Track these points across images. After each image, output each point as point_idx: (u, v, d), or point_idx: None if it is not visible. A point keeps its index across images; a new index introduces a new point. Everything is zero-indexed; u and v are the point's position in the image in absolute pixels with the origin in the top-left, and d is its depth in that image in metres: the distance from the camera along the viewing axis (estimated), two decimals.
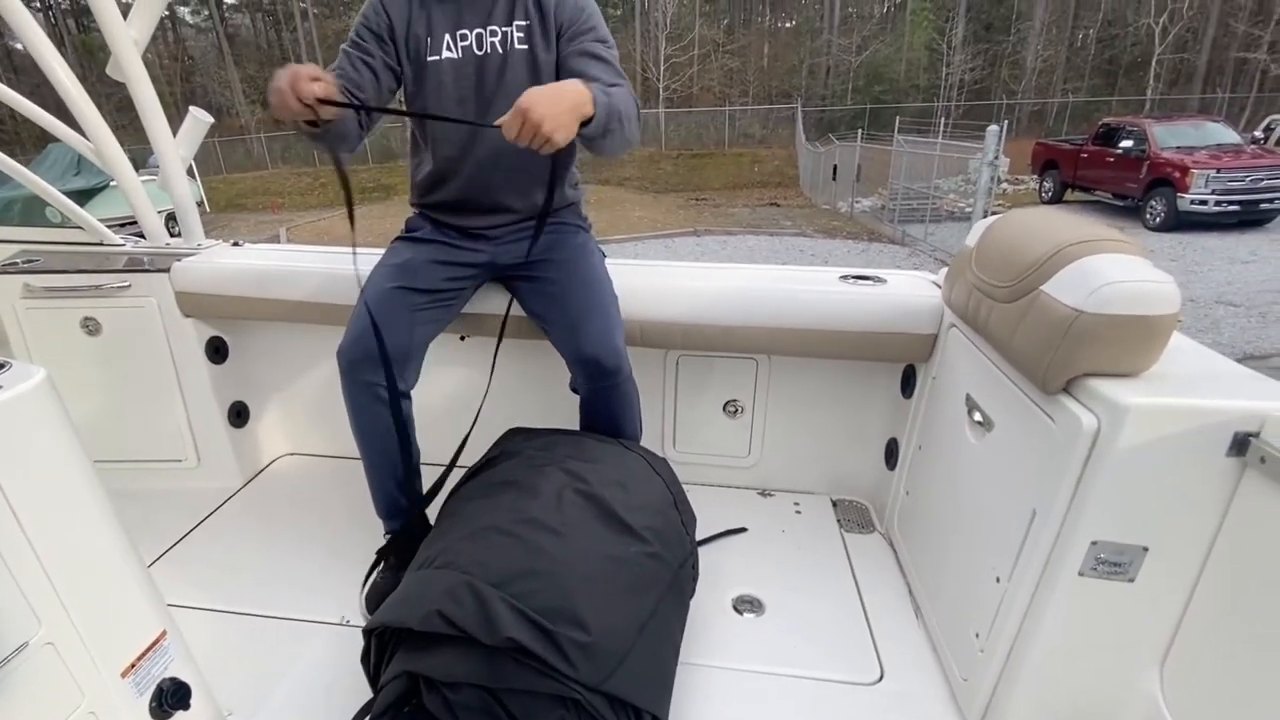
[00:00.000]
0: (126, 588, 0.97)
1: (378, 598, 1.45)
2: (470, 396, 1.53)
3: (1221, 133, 10.72)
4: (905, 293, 1.60)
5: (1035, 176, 13.54)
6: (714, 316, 1.61)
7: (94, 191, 8.96)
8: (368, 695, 1.05)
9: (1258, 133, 13.32)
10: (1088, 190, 11.86)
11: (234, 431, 1.97)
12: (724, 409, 1.89)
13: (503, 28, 1.37)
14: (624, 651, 1.03)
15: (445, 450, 1.49)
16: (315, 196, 19.17)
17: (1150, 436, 0.93)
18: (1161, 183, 9.88)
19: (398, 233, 1.58)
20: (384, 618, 1.02)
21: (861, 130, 14.10)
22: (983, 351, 1.28)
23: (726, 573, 1.59)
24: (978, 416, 1.28)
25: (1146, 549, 0.98)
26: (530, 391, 1.86)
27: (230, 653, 1.37)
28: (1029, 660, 1.09)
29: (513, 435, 1.47)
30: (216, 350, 1.91)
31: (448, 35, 1.38)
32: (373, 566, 1.51)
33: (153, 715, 0.99)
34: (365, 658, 1.09)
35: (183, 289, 1.78)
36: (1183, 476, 0.94)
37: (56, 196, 1.81)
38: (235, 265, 1.78)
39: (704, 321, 1.62)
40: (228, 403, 1.95)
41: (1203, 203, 9.36)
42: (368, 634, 1.07)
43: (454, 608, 0.98)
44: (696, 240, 11.20)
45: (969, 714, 1.21)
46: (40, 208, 1.95)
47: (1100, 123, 11.90)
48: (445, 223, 1.53)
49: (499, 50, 1.38)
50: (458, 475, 1.41)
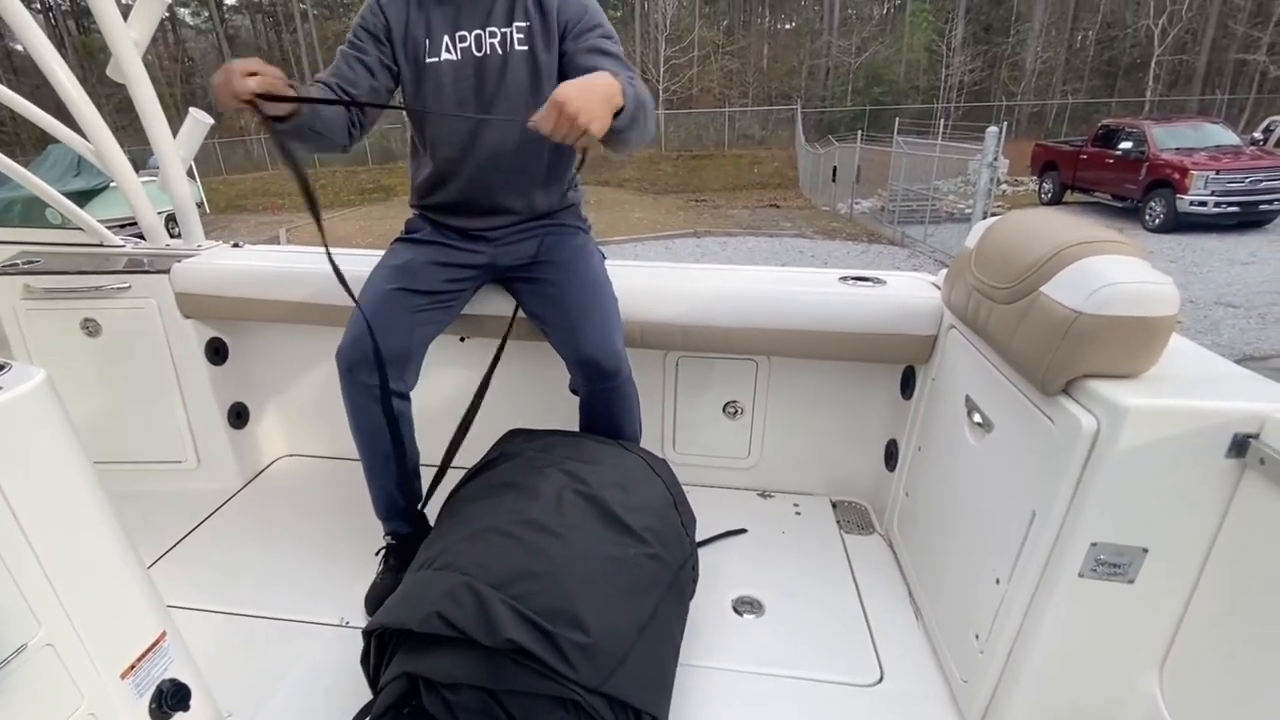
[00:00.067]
0: (126, 589, 0.97)
1: (377, 599, 1.45)
2: (470, 398, 1.53)
3: (1221, 134, 10.72)
4: (905, 294, 1.60)
5: (1034, 178, 13.53)
6: (714, 318, 1.61)
7: (94, 192, 8.92)
8: (367, 696, 1.05)
9: (1257, 134, 13.31)
10: (1087, 191, 11.85)
11: (234, 433, 1.97)
12: (724, 410, 1.89)
13: (502, 29, 1.37)
14: (624, 653, 1.03)
15: (444, 451, 1.50)
16: None
17: (1150, 438, 0.93)
18: (1161, 184, 9.87)
19: (397, 233, 1.58)
20: (383, 619, 1.02)
21: (861, 132, 14.10)
22: (982, 353, 1.28)
23: (726, 574, 1.59)
24: (977, 418, 1.28)
25: (1146, 550, 0.98)
26: (530, 393, 1.86)
27: (230, 654, 1.37)
28: (1029, 661, 1.09)
29: (512, 436, 1.47)
30: (216, 351, 1.91)
31: (446, 37, 1.37)
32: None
33: (152, 716, 0.98)
34: (365, 659, 1.09)
35: (182, 290, 1.78)
36: (1182, 478, 0.94)
37: (56, 198, 1.81)
38: (235, 266, 1.79)
39: (704, 323, 1.62)
40: (227, 404, 1.95)
41: (1202, 204, 9.35)
42: (367, 635, 1.07)
43: (454, 609, 0.98)
44: (696, 241, 11.19)
45: (969, 715, 1.21)
46: (40, 209, 1.95)
47: (1099, 124, 11.90)
48: (445, 224, 1.53)
49: (498, 51, 1.38)
50: (458, 476, 1.41)
